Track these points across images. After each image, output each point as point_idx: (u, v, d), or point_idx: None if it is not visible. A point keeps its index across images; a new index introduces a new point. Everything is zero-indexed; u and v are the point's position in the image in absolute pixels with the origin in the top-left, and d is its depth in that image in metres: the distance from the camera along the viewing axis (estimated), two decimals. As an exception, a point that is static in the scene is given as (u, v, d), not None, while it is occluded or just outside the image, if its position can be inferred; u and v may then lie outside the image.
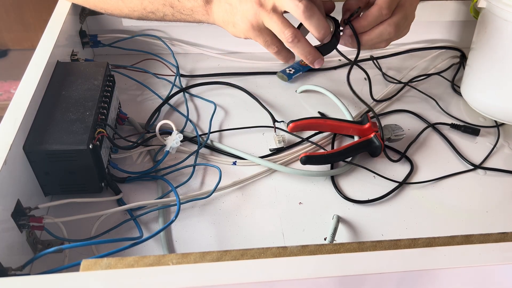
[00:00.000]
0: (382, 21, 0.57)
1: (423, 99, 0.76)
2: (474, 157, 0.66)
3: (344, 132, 0.67)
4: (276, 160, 0.63)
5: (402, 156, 0.65)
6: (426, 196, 0.60)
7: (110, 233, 0.53)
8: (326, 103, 0.74)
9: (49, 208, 0.55)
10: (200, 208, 0.57)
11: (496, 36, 0.64)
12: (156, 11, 0.60)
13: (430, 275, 0.40)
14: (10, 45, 1.25)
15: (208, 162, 0.63)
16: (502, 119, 0.69)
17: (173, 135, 0.61)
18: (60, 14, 0.68)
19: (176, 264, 0.38)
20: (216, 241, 0.54)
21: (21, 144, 0.50)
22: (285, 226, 0.56)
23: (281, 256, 0.40)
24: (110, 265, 0.38)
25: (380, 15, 0.56)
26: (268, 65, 0.82)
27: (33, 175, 0.52)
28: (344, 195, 0.60)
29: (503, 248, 0.41)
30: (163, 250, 0.52)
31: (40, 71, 0.56)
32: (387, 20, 0.57)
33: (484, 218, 0.58)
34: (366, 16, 0.57)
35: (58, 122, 0.53)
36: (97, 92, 0.57)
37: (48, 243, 0.51)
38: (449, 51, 0.86)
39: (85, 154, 0.51)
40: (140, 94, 0.74)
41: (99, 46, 0.75)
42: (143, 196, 0.58)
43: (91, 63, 0.64)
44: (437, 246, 0.41)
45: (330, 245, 0.41)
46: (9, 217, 0.46)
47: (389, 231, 0.56)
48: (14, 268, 0.44)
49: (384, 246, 0.41)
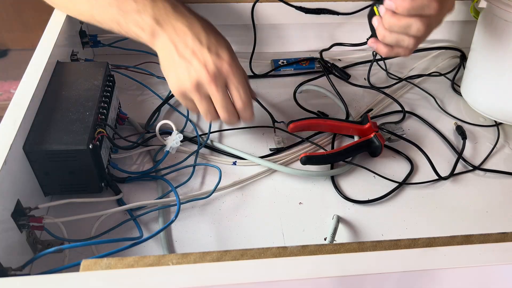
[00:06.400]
0: (420, 15, 0.52)
1: (423, 99, 0.76)
2: (474, 157, 0.66)
3: (344, 132, 0.67)
4: (276, 160, 0.63)
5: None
6: (426, 196, 0.60)
7: (110, 233, 0.53)
8: (326, 103, 0.74)
9: (49, 208, 0.55)
10: (200, 208, 0.57)
11: (496, 36, 0.64)
12: (103, 23, 0.57)
13: (430, 275, 0.40)
14: (10, 45, 1.25)
15: (208, 162, 0.63)
16: (502, 119, 0.69)
17: (173, 135, 0.61)
18: (60, 14, 0.68)
19: (176, 264, 0.38)
20: (216, 241, 0.54)
21: (21, 144, 0.50)
22: (285, 226, 0.56)
23: (281, 256, 0.40)
24: (110, 265, 0.38)
25: (428, 6, 0.51)
26: (267, 65, 0.82)
27: (33, 175, 0.52)
28: (344, 195, 0.60)
29: (503, 248, 0.41)
30: (163, 250, 0.52)
31: (40, 71, 0.56)
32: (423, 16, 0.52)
33: (484, 218, 0.58)
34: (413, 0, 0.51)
35: (58, 122, 0.53)
36: (97, 92, 0.57)
37: (48, 243, 0.51)
38: (449, 51, 0.86)
39: (85, 154, 0.51)
40: (140, 94, 0.74)
41: (99, 46, 0.75)
42: (143, 196, 0.58)
43: (91, 63, 0.64)
44: (437, 246, 0.41)
45: (330, 245, 0.41)
46: (9, 217, 0.46)
47: (389, 231, 0.56)
48: (14, 268, 0.44)
49: (384, 246, 0.41)
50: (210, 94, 0.54)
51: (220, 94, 0.54)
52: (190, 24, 0.53)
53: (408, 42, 0.55)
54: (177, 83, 0.54)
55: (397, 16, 0.53)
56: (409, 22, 0.53)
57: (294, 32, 0.83)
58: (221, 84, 0.53)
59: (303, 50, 0.86)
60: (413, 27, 0.53)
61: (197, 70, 0.52)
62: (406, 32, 0.54)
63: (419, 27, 0.53)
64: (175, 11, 0.54)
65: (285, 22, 0.81)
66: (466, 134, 0.68)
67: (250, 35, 0.79)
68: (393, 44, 0.56)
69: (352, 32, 0.83)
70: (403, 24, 0.53)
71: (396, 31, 0.54)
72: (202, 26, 0.54)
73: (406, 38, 0.54)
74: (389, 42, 0.56)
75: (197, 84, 0.53)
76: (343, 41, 0.84)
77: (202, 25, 0.54)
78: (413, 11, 0.52)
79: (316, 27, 0.83)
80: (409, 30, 0.53)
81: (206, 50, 0.52)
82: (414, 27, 0.53)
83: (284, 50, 0.85)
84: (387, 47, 0.57)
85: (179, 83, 0.54)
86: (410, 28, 0.53)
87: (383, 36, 0.55)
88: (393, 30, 0.54)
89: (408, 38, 0.54)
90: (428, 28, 0.53)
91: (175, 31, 0.53)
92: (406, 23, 0.53)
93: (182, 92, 0.54)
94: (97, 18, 0.57)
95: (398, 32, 0.54)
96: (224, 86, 0.54)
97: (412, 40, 0.54)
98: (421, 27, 0.53)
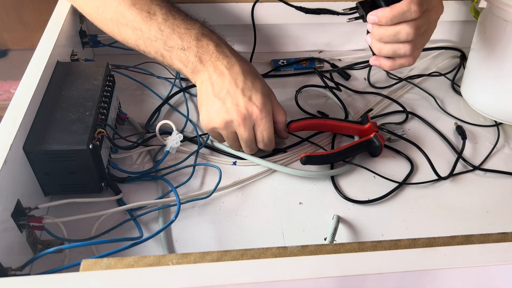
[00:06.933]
0: (404, 20, 0.53)
1: (423, 99, 0.76)
2: (474, 157, 0.66)
3: (344, 132, 0.67)
4: (276, 160, 0.63)
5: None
6: (426, 196, 0.60)
7: (110, 233, 0.53)
8: (326, 103, 0.74)
9: (49, 208, 0.55)
10: (200, 208, 0.57)
11: (496, 36, 0.64)
12: (148, 53, 0.61)
13: (430, 275, 0.40)
14: (10, 45, 1.25)
15: (208, 162, 0.63)
16: (502, 119, 0.69)
17: (173, 135, 0.61)
18: (60, 14, 0.68)
19: (176, 264, 0.38)
20: (216, 241, 0.54)
21: (21, 144, 0.50)
22: (285, 226, 0.56)
23: (281, 256, 0.40)
24: (110, 265, 0.38)
25: (409, 11, 0.52)
26: (267, 65, 0.82)
27: (33, 175, 0.52)
28: (344, 195, 0.60)
29: (503, 248, 0.41)
30: (163, 250, 0.52)
31: (40, 71, 0.56)
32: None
33: (484, 218, 0.58)
34: (392, 8, 0.53)
35: (58, 122, 0.53)
36: (97, 92, 0.57)
37: (48, 243, 0.51)
38: (449, 51, 0.86)
39: (85, 154, 0.51)
40: (140, 94, 0.74)
41: (99, 46, 0.75)
42: (143, 196, 0.58)
43: (91, 63, 0.64)
44: (437, 246, 0.41)
45: (330, 245, 0.41)
46: (9, 217, 0.46)
47: (389, 231, 0.56)
48: (14, 268, 0.44)
49: (384, 246, 0.41)
50: (238, 133, 0.58)
51: (246, 135, 0.58)
52: (230, 65, 0.57)
53: (405, 49, 0.55)
54: (208, 119, 0.58)
55: (383, 26, 0.54)
56: (396, 29, 0.54)
57: (294, 32, 0.83)
58: (249, 126, 0.57)
59: (303, 50, 0.86)
60: (402, 33, 0.54)
61: (229, 111, 0.56)
62: (398, 39, 0.55)
63: (407, 31, 0.53)
64: (217, 51, 0.58)
65: (285, 22, 0.81)
66: (466, 134, 0.68)
67: (250, 35, 0.79)
68: (392, 55, 0.57)
69: (352, 32, 0.84)
70: (391, 32, 0.54)
71: (388, 40, 0.55)
72: (241, 68, 0.57)
73: (400, 45, 0.55)
74: (386, 53, 0.57)
75: (226, 123, 0.57)
76: (343, 41, 0.84)
77: (241, 67, 0.57)
78: (396, 19, 0.53)
79: (316, 27, 0.83)
80: (400, 37, 0.54)
81: (240, 92, 0.56)
82: (402, 32, 0.54)
83: (284, 50, 0.85)
84: (389, 60, 0.58)
85: (210, 119, 0.57)
86: (399, 34, 0.54)
87: (379, 49, 0.57)
88: (384, 40, 0.55)
89: (402, 45, 0.55)
90: (417, 30, 0.54)
91: (215, 71, 0.57)
92: (393, 31, 0.54)
93: (211, 128, 0.58)
94: (142, 48, 0.61)
95: (391, 42, 0.55)
96: (252, 128, 0.58)
97: (408, 46, 0.55)
98: (409, 30, 0.53)
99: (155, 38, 0.58)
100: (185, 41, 0.57)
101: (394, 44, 0.55)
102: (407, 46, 0.55)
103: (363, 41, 0.84)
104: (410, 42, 0.55)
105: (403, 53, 0.56)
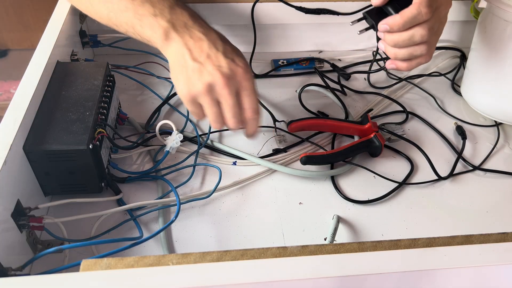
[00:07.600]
0: (416, 24, 0.53)
1: (423, 99, 0.76)
2: (474, 157, 0.66)
3: (344, 132, 0.67)
4: (276, 160, 0.63)
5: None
6: (426, 196, 0.60)
7: (110, 233, 0.53)
8: (326, 103, 0.74)
9: (49, 208, 0.55)
10: (200, 208, 0.57)
11: (496, 36, 0.64)
12: (120, 26, 0.56)
13: (430, 275, 0.40)
14: (10, 45, 1.25)
15: (208, 162, 0.63)
16: (502, 119, 0.69)
17: (173, 135, 0.61)
18: (60, 14, 0.68)
19: (176, 264, 0.38)
20: (216, 241, 0.54)
21: (21, 144, 0.50)
22: (285, 226, 0.56)
23: (281, 256, 0.40)
24: (110, 265, 0.38)
25: (420, 14, 0.52)
26: (267, 65, 0.82)
27: (33, 175, 0.52)
28: (344, 195, 0.60)
29: (503, 248, 0.41)
30: (163, 250, 0.52)
31: (40, 71, 0.56)
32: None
33: (484, 218, 0.58)
34: (402, 14, 0.53)
35: (58, 122, 0.53)
36: (97, 92, 0.57)
37: (48, 243, 0.51)
38: (449, 51, 0.86)
39: (85, 154, 0.51)
40: (140, 94, 0.74)
41: (99, 46, 0.75)
42: (143, 196, 0.58)
43: (91, 63, 0.64)
44: (437, 246, 0.41)
45: (330, 245, 0.41)
46: (9, 217, 0.46)
47: (389, 231, 0.56)
48: (14, 268, 0.44)
49: (384, 246, 0.41)
50: (222, 99, 0.52)
51: (231, 99, 0.52)
52: (207, 32, 0.53)
53: (421, 50, 0.55)
54: (187, 86, 0.52)
55: (396, 32, 0.54)
56: (410, 33, 0.53)
57: (294, 32, 0.83)
58: (234, 89, 0.52)
59: (303, 50, 0.86)
60: (416, 36, 0.53)
61: (210, 73, 0.50)
62: (413, 42, 0.54)
63: (421, 33, 0.53)
64: (192, 19, 0.53)
65: (285, 22, 0.81)
66: (466, 134, 0.68)
67: (250, 35, 0.79)
68: (408, 58, 0.56)
69: (352, 32, 0.83)
70: (405, 37, 0.54)
71: (403, 45, 0.55)
72: (218, 36, 0.54)
73: (416, 47, 0.55)
74: (403, 57, 0.56)
75: (209, 87, 0.51)
76: (343, 41, 0.84)
77: (218, 35, 0.54)
78: (408, 24, 0.53)
79: (316, 27, 0.83)
80: (415, 40, 0.54)
81: (221, 55, 0.51)
82: (417, 35, 0.53)
83: (284, 50, 0.85)
84: (406, 62, 0.57)
85: (190, 86, 0.51)
86: (414, 38, 0.53)
87: (394, 54, 0.56)
88: (399, 46, 0.55)
89: (418, 47, 0.55)
90: (431, 30, 0.53)
91: (191, 37, 0.52)
92: (407, 35, 0.54)
93: (192, 96, 0.52)
94: (114, 21, 0.57)
95: (406, 46, 0.55)
96: (235, 92, 0.52)
97: (423, 47, 0.55)
98: (423, 32, 0.53)
99: (125, 8, 0.54)
100: (157, 8, 0.53)
101: (410, 48, 0.55)
102: (422, 47, 0.55)
103: (363, 41, 0.85)
104: (425, 42, 0.54)
105: (419, 54, 0.55)
